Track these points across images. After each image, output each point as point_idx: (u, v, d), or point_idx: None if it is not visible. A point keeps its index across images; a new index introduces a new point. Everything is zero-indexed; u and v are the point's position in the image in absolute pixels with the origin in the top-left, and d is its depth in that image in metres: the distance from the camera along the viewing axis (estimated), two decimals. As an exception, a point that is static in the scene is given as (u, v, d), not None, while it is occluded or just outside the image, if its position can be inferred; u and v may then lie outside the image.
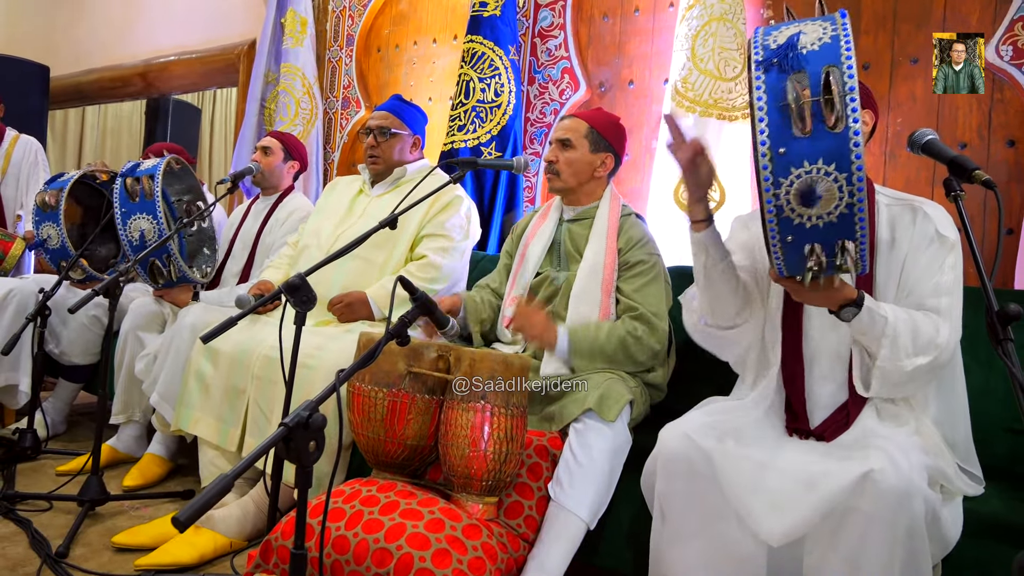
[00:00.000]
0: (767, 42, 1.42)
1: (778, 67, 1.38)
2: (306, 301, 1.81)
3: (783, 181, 1.36)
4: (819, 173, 1.34)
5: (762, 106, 1.38)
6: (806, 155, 1.35)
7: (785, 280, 1.54)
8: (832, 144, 1.33)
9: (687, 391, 2.17)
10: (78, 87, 6.07)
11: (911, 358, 1.59)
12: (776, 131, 1.36)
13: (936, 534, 1.50)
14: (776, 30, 1.45)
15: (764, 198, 1.39)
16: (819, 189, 1.34)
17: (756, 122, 1.39)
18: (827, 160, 1.33)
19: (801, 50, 1.38)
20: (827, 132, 1.34)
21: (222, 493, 1.05)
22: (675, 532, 1.67)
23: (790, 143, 1.36)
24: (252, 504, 2.34)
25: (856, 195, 1.33)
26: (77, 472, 2.72)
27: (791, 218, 1.38)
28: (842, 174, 1.33)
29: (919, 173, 2.81)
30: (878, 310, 1.59)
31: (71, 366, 3.45)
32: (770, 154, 1.37)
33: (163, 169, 2.94)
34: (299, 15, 4.50)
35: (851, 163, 1.32)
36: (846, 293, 1.58)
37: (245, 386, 2.46)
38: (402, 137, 2.91)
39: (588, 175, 2.41)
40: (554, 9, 3.73)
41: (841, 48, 1.36)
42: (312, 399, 1.28)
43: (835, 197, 1.34)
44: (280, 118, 4.39)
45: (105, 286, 2.50)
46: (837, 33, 1.38)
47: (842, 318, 1.61)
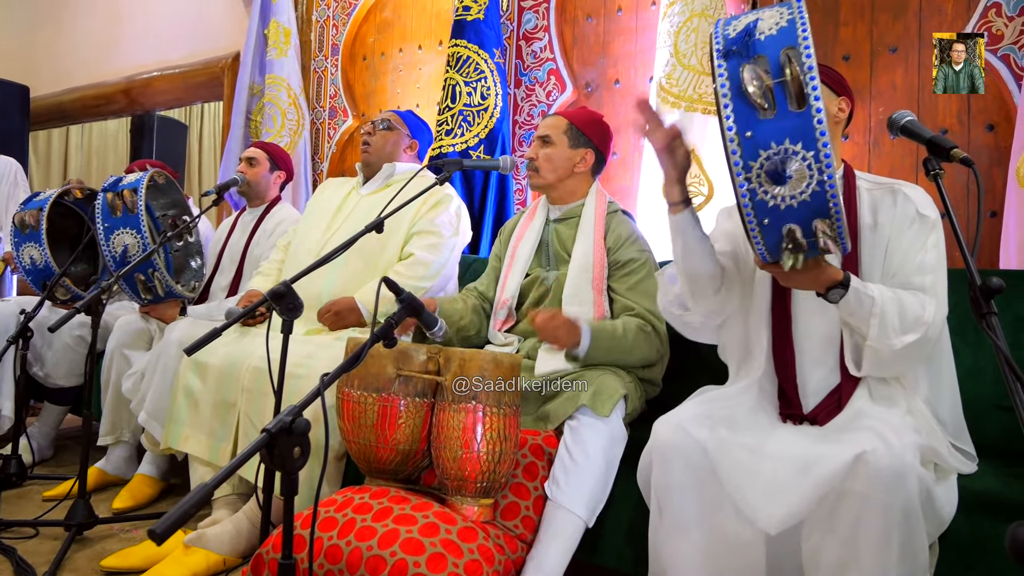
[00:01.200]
0: (727, 32, 1.46)
1: (738, 54, 1.41)
2: (292, 309, 1.78)
3: (753, 164, 1.39)
4: (787, 153, 1.36)
5: (726, 92, 1.41)
6: (772, 136, 1.37)
7: (770, 266, 1.54)
8: (796, 123, 1.36)
9: (682, 384, 2.16)
10: (60, 106, 6.04)
11: (900, 336, 1.60)
12: (741, 116, 1.39)
13: (931, 512, 1.50)
14: (735, 19, 1.49)
15: (737, 183, 1.41)
16: (789, 168, 1.36)
17: (721, 108, 1.41)
18: (793, 139, 1.36)
19: (759, 36, 1.41)
20: (790, 112, 1.36)
21: (200, 504, 1.02)
22: (673, 524, 1.65)
23: (756, 126, 1.38)
24: (246, 520, 2.30)
25: (825, 171, 1.35)
26: (64, 497, 2.68)
27: (765, 200, 1.40)
28: (809, 152, 1.35)
29: (903, 160, 2.82)
30: (864, 290, 1.60)
31: (56, 388, 3.40)
32: (738, 139, 1.39)
33: (146, 183, 2.90)
34: (282, 26, 4.48)
35: (816, 140, 1.35)
36: (832, 274, 1.58)
37: (235, 400, 2.42)
38: (399, 132, 2.93)
39: (568, 171, 2.39)
40: (538, 11, 3.73)
41: (798, 30, 1.38)
42: (295, 404, 1.25)
43: (805, 175, 1.36)
44: (266, 130, 4.37)
45: (87, 303, 2.44)
46: (793, 17, 1.41)
47: (829, 299, 1.61)
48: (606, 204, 2.40)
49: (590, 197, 2.42)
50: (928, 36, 2.78)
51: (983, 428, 1.90)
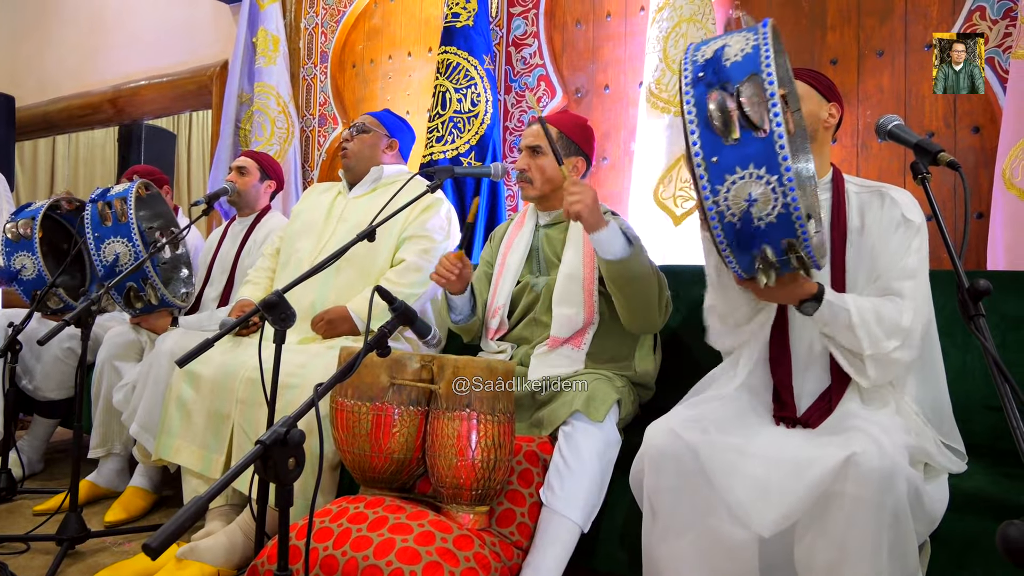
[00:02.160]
0: (696, 57, 1.51)
1: (704, 81, 1.46)
2: (284, 318, 1.78)
3: (720, 188, 1.43)
4: (751, 177, 1.41)
5: (692, 119, 1.45)
6: (736, 161, 1.42)
7: (746, 282, 1.59)
8: (759, 149, 1.40)
9: (675, 388, 2.17)
10: (46, 116, 6.00)
11: (886, 341, 1.64)
12: (707, 142, 1.44)
13: (921, 512, 1.52)
14: (705, 44, 1.53)
15: (705, 207, 1.46)
16: (754, 192, 1.40)
17: (688, 135, 1.45)
18: (757, 164, 1.40)
19: (725, 63, 1.46)
20: (754, 138, 1.40)
21: (195, 517, 1.01)
22: (666, 528, 1.66)
23: (721, 151, 1.43)
24: (240, 532, 2.28)
25: (789, 195, 1.39)
26: (55, 511, 2.66)
27: (733, 223, 1.45)
28: (772, 176, 1.39)
29: (891, 163, 2.84)
30: (839, 303, 1.64)
31: (46, 401, 3.38)
32: (704, 164, 1.44)
33: (135, 192, 2.89)
34: (271, 33, 4.47)
35: (779, 164, 1.39)
36: (806, 288, 1.63)
37: (229, 411, 2.40)
38: (376, 135, 2.90)
39: (561, 180, 2.39)
40: (527, 17, 3.73)
41: (761, 56, 1.43)
42: (289, 415, 1.25)
43: (770, 198, 1.40)
44: (256, 138, 4.36)
45: (76, 315, 2.42)
46: (758, 43, 1.45)
47: (804, 312, 1.67)
48: (597, 208, 2.41)
49: (579, 202, 2.42)
50: (914, 40, 2.80)
51: (972, 428, 1.92)
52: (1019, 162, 2.36)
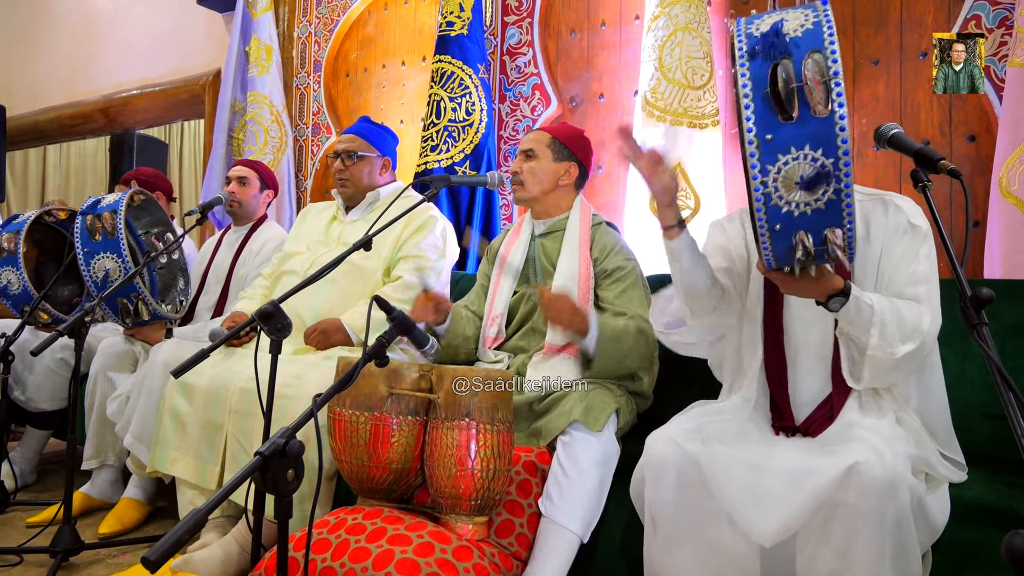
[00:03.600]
0: (750, 30, 1.42)
1: (763, 55, 1.38)
2: (280, 329, 1.76)
3: (771, 168, 1.36)
4: (806, 159, 1.34)
5: (748, 93, 1.38)
6: (792, 141, 1.35)
7: (773, 272, 1.54)
8: (818, 128, 1.33)
9: (673, 398, 2.17)
10: (37, 126, 5.98)
11: (899, 344, 1.60)
12: (762, 118, 1.36)
13: (923, 522, 1.51)
14: (759, 18, 1.45)
15: (752, 187, 1.39)
16: (806, 174, 1.34)
17: (742, 109, 1.38)
18: (813, 145, 1.34)
19: (785, 36, 1.38)
20: (812, 117, 1.34)
21: (194, 529, 1.00)
22: (667, 539, 1.65)
23: (777, 129, 1.35)
24: (235, 544, 2.26)
25: (843, 180, 1.33)
26: (48, 522, 2.63)
27: (779, 206, 1.38)
28: (829, 159, 1.33)
29: (887, 170, 2.85)
30: (864, 299, 1.60)
31: (39, 413, 3.35)
32: (757, 141, 1.36)
33: (126, 203, 2.86)
34: (264, 43, 4.47)
35: (837, 147, 1.33)
36: (833, 283, 1.58)
37: (223, 421, 2.39)
38: (370, 160, 2.86)
39: (552, 184, 2.40)
40: (521, 26, 3.74)
41: (824, 33, 1.36)
42: (288, 426, 1.24)
43: (822, 183, 1.34)
44: (249, 147, 4.35)
45: (69, 326, 2.40)
46: (819, 19, 1.38)
47: (830, 308, 1.60)
48: (590, 216, 2.41)
49: (574, 210, 2.42)
50: (909, 48, 2.82)
51: (971, 436, 1.92)
52: (1016, 170, 2.37)
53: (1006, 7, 2.60)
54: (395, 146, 2.99)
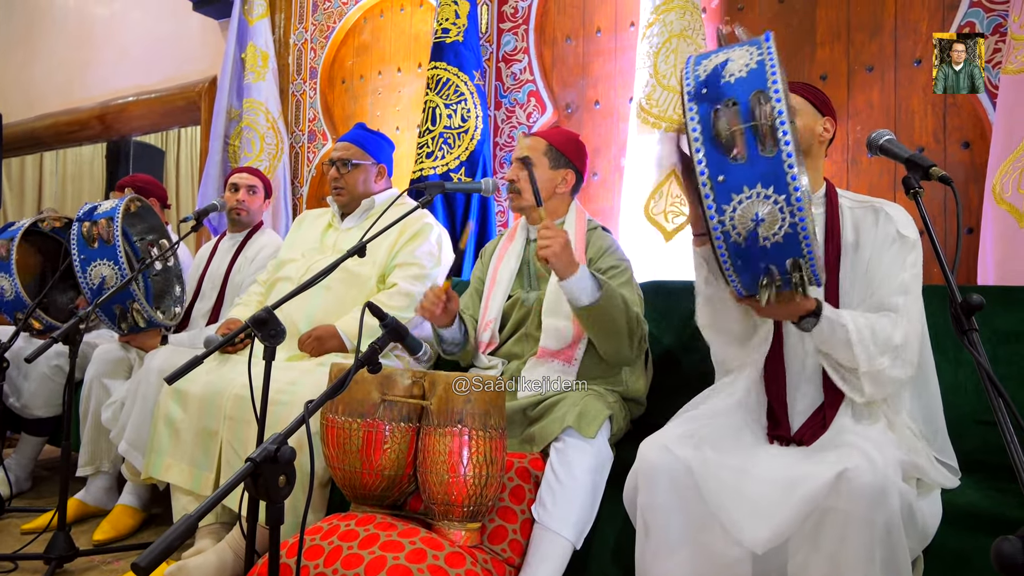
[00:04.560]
0: (697, 72, 1.46)
1: (708, 97, 1.41)
2: (274, 335, 1.76)
3: (726, 208, 1.40)
4: (759, 197, 1.37)
5: (697, 136, 1.41)
6: (744, 180, 1.38)
7: (746, 299, 1.58)
8: (767, 168, 1.36)
9: (666, 404, 2.16)
10: (33, 133, 5.98)
11: (879, 358, 1.63)
12: (713, 160, 1.40)
13: (914, 527, 1.52)
14: (705, 58, 1.48)
15: (710, 225, 1.42)
16: (761, 212, 1.37)
17: (694, 152, 1.42)
18: (765, 183, 1.37)
19: (729, 78, 1.41)
20: (761, 157, 1.37)
21: (185, 535, 1.00)
22: (659, 545, 1.65)
23: (727, 170, 1.39)
24: (229, 550, 2.26)
25: (797, 215, 1.36)
26: (43, 529, 2.63)
27: (738, 243, 1.42)
28: (780, 195, 1.36)
29: (881, 177, 2.85)
30: (837, 319, 1.63)
31: (34, 419, 3.35)
32: (710, 183, 1.40)
33: (122, 210, 2.86)
34: (259, 49, 4.48)
35: (787, 184, 1.35)
36: (805, 305, 1.62)
37: (217, 428, 2.39)
38: (366, 167, 2.87)
39: (550, 192, 2.40)
40: (517, 33, 3.75)
41: (767, 72, 1.39)
42: (280, 432, 1.24)
43: (777, 218, 1.37)
44: (245, 154, 4.35)
45: (64, 332, 2.40)
46: (763, 58, 1.41)
47: (802, 329, 1.65)
48: (586, 221, 2.41)
49: (570, 215, 2.43)
50: (903, 55, 2.83)
51: (964, 443, 1.92)
52: (1009, 177, 2.37)
53: (1000, 14, 2.61)
54: (391, 153, 2.99)
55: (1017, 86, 2.39)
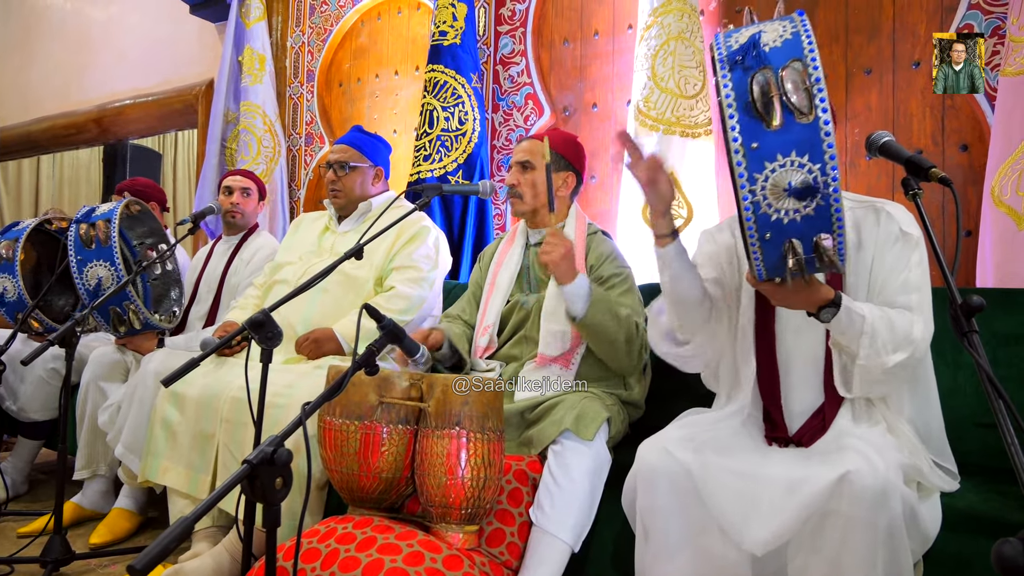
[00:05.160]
0: (729, 43, 1.43)
1: (742, 65, 1.38)
2: (271, 337, 1.75)
3: (758, 176, 1.36)
4: (793, 165, 1.34)
5: (731, 103, 1.38)
6: (778, 148, 1.34)
7: (764, 284, 1.52)
8: (803, 135, 1.33)
9: (664, 408, 2.16)
10: (30, 136, 5.98)
11: (890, 354, 1.59)
12: (746, 127, 1.36)
13: (915, 530, 1.51)
14: (737, 32, 1.45)
15: (740, 195, 1.38)
16: (794, 181, 1.34)
17: (726, 119, 1.38)
18: (799, 151, 1.33)
19: (764, 47, 1.38)
20: (797, 124, 1.34)
21: (181, 538, 0.99)
22: (659, 548, 1.64)
23: (762, 137, 1.35)
24: (226, 553, 2.25)
25: (831, 185, 1.33)
26: (39, 532, 2.61)
27: (768, 214, 1.37)
28: (816, 164, 1.33)
29: (879, 180, 2.85)
30: (855, 309, 1.59)
31: (30, 423, 3.33)
32: (743, 150, 1.36)
33: (120, 212, 2.86)
34: (257, 52, 4.47)
35: (823, 152, 1.32)
36: (824, 294, 1.57)
37: (214, 431, 2.38)
38: (363, 170, 2.86)
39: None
40: (514, 36, 3.75)
41: (803, 42, 1.37)
42: (276, 434, 1.23)
43: (811, 188, 1.33)
44: (242, 157, 4.34)
45: (60, 335, 2.39)
46: (797, 30, 1.39)
47: (821, 319, 1.60)
48: (586, 225, 2.41)
49: (570, 219, 2.42)
50: (901, 58, 2.83)
51: (964, 446, 1.90)
52: (1008, 179, 2.37)
53: (998, 16, 2.61)
54: (388, 155, 2.99)
55: (1016, 88, 2.39)
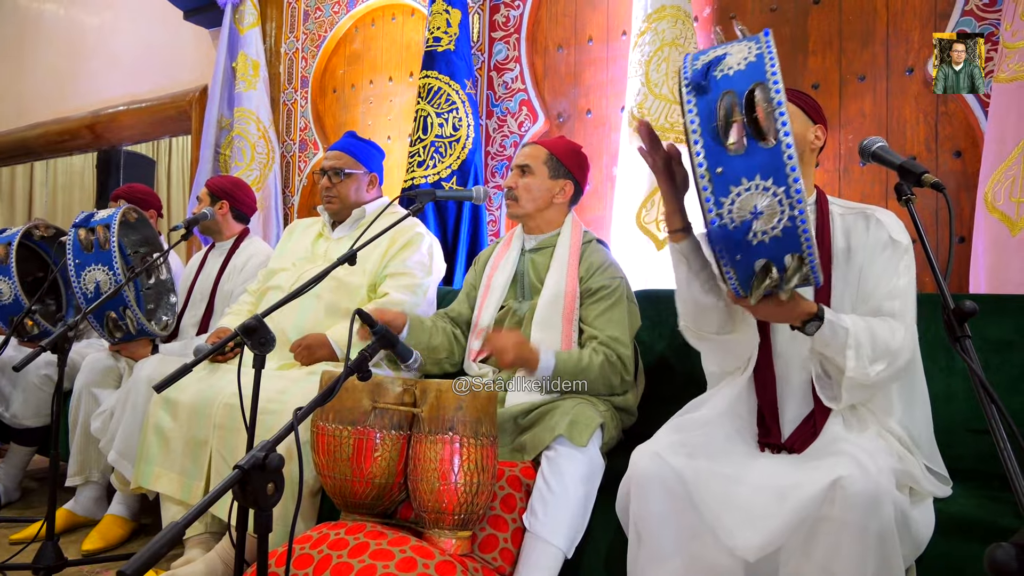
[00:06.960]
0: (695, 66, 1.45)
1: (706, 89, 1.40)
2: (264, 343, 1.74)
3: (724, 200, 1.38)
4: (757, 189, 1.35)
5: (695, 128, 1.39)
6: (742, 172, 1.36)
7: (742, 300, 1.53)
8: (766, 159, 1.35)
9: (658, 414, 2.15)
10: (23, 142, 5.97)
11: (872, 365, 1.60)
12: (711, 152, 1.38)
13: (907, 536, 1.51)
14: (703, 53, 1.47)
15: (708, 219, 1.40)
16: (759, 205, 1.35)
17: (691, 144, 1.40)
18: (764, 175, 1.35)
19: (728, 71, 1.40)
20: (759, 148, 1.35)
21: (172, 543, 0.98)
22: (652, 553, 1.64)
23: (726, 162, 1.37)
24: (218, 560, 2.24)
25: (796, 207, 1.34)
26: (32, 539, 2.61)
27: (736, 237, 1.39)
28: (780, 187, 1.34)
29: (873, 187, 2.86)
30: (839, 322, 1.60)
31: (23, 429, 3.32)
32: (708, 175, 1.38)
33: (119, 219, 2.85)
34: (251, 58, 4.47)
35: (787, 176, 1.34)
36: (806, 307, 1.59)
37: (207, 437, 2.37)
38: (357, 176, 2.86)
39: (547, 201, 2.39)
40: (508, 42, 3.75)
41: (766, 65, 1.38)
42: (268, 439, 1.22)
43: (776, 211, 1.35)
44: (236, 163, 4.34)
45: (52, 341, 2.37)
46: (761, 52, 1.40)
47: (806, 332, 1.61)
48: (581, 234, 2.41)
49: (565, 227, 2.42)
50: (895, 64, 2.84)
51: (956, 451, 1.91)
52: (1001, 185, 2.38)
53: (992, 22, 2.62)
54: (381, 161, 2.98)
55: (1009, 94, 2.40)
